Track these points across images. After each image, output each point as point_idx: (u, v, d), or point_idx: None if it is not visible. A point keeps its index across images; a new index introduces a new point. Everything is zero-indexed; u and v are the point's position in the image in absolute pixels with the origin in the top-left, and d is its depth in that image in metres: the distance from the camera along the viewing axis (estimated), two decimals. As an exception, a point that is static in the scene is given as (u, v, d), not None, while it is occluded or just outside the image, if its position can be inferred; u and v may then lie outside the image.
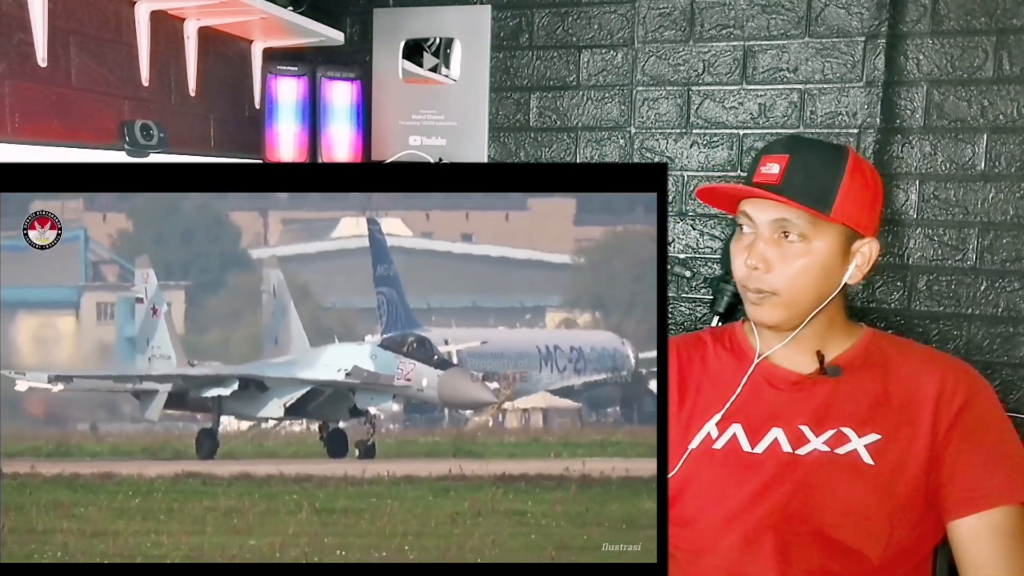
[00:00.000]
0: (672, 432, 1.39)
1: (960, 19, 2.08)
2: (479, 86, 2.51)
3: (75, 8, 1.82)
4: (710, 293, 2.32)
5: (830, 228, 1.28)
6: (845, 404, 1.32)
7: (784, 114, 2.26)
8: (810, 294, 1.30)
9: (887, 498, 1.26)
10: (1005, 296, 2.10)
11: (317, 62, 2.45)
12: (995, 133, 2.08)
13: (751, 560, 1.29)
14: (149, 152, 1.92)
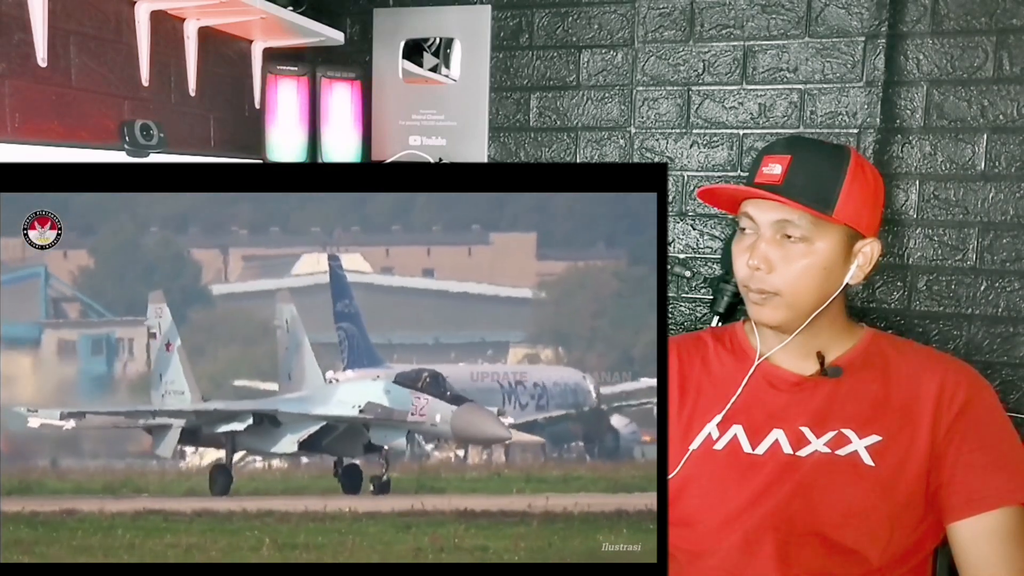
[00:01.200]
0: (673, 432, 1.39)
1: (960, 19, 2.08)
2: (479, 86, 2.51)
3: (75, 8, 1.82)
4: (710, 293, 2.32)
5: (832, 228, 1.28)
6: (846, 405, 1.32)
7: (784, 114, 2.26)
8: (812, 295, 1.30)
9: (887, 499, 1.26)
10: (1005, 296, 2.10)
11: (317, 62, 2.45)
12: (995, 133, 2.08)
13: (751, 561, 1.29)
14: (149, 152, 1.92)
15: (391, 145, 2.58)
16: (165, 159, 1.96)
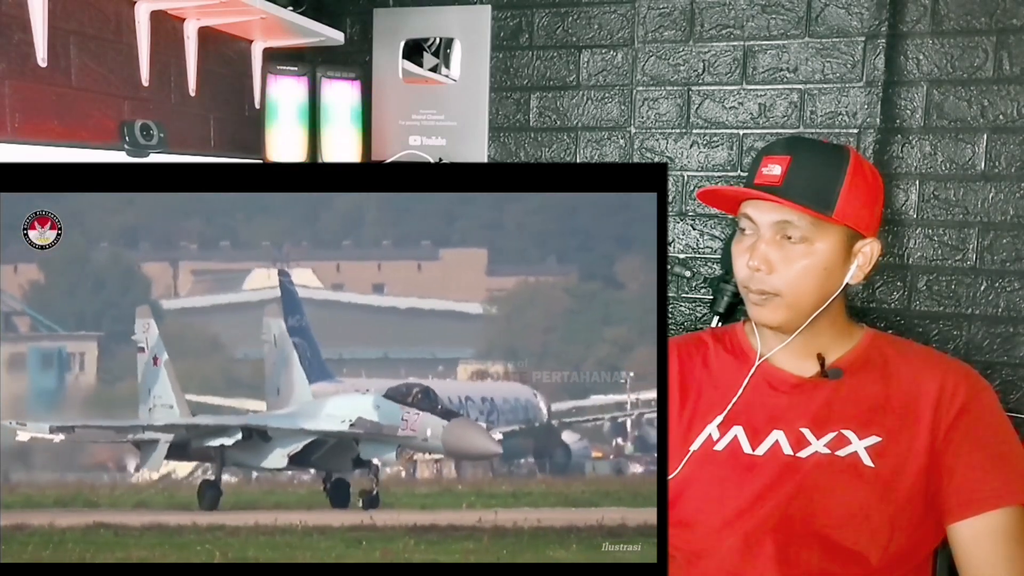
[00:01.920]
0: (673, 433, 1.39)
1: (960, 19, 2.08)
2: (479, 86, 2.51)
3: (75, 8, 1.81)
4: (710, 293, 2.32)
5: (832, 229, 1.28)
6: (846, 406, 1.32)
7: (784, 114, 2.26)
8: (812, 295, 1.30)
9: (887, 500, 1.26)
10: (1005, 296, 2.10)
11: (317, 62, 2.45)
12: (995, 133, 2.08)
13: (751, 562, 1.29)
14: (149, 152, 1.92)
15: (391, 145, 2.58)
16: (165, 159, 1.96)
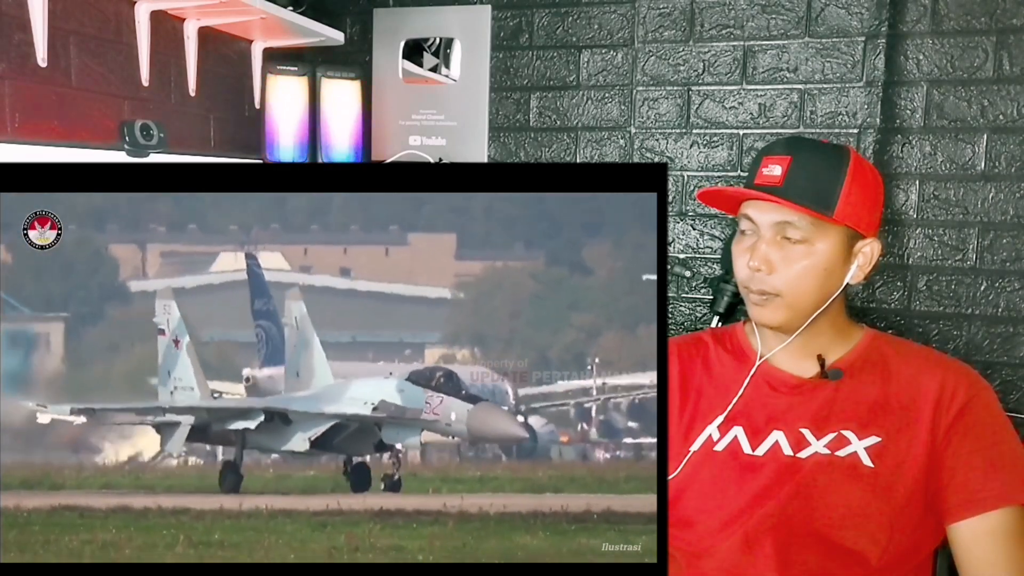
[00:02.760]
0: (673, 434, 1.40)
1: (960, 19, 2.08)
2: (479, 86, 2.51)
3: (75, 8, 1.82)
4: (710, 293, 2.32)
5: (832, 229, 1.28)
6: (845, 407, 1.32)
7: (784, 114, 2.26)
8: (813, 295, 1.30)
9: (887, 500, 1.26)
10: (1005, 296, 2.10)
11: (317, 62, 2.45)
12: (995, 133, 2.08)
13: (751, 562, 1.29)
14: (149, 152, 1.92)
15: (391, 145, 2.58)
16: (165, 159, 1.96)
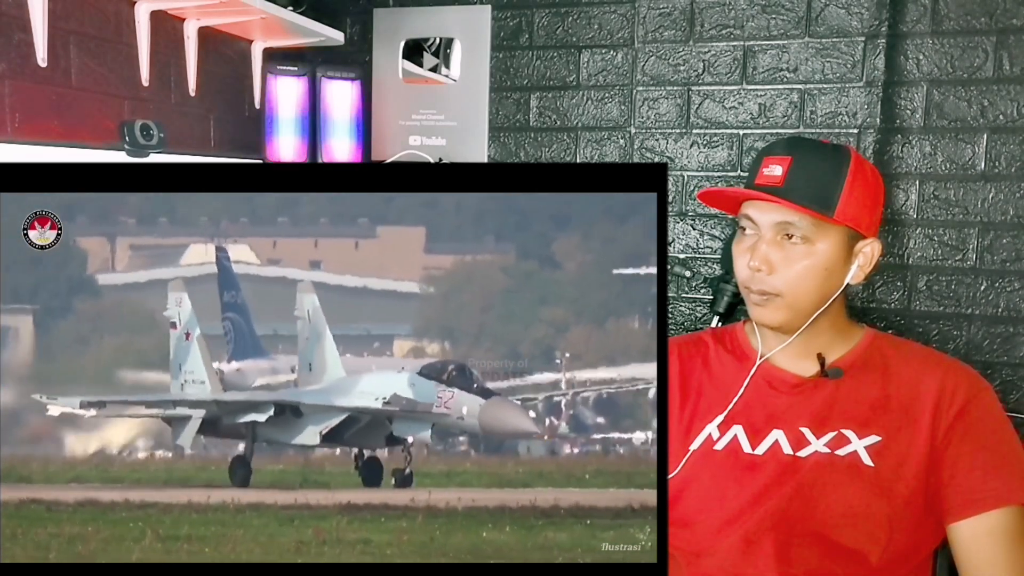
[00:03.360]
0: (673, 433, 1.40)
1: (960, 19, 2.08)
2: (479, 86, 2.51)
3: (75, 8, 1.82)
4: (710, 293, 2.32)
5: (833, 229, 1.28)
6: (846, 406, 1.32)
7: (784, 114, 2.26)
8: (813, 295, 1.30)
9: (887, 500, 1.26)
10: (1005, 296, 2.10)
11: (317, 62, 2.45)
12: (995, 133, 2.08)
13: (751, 561, 1.29)
14: (149, 152, 1.92)
15: (391, 145, 2.58)
16: (165, 159, 1.96)
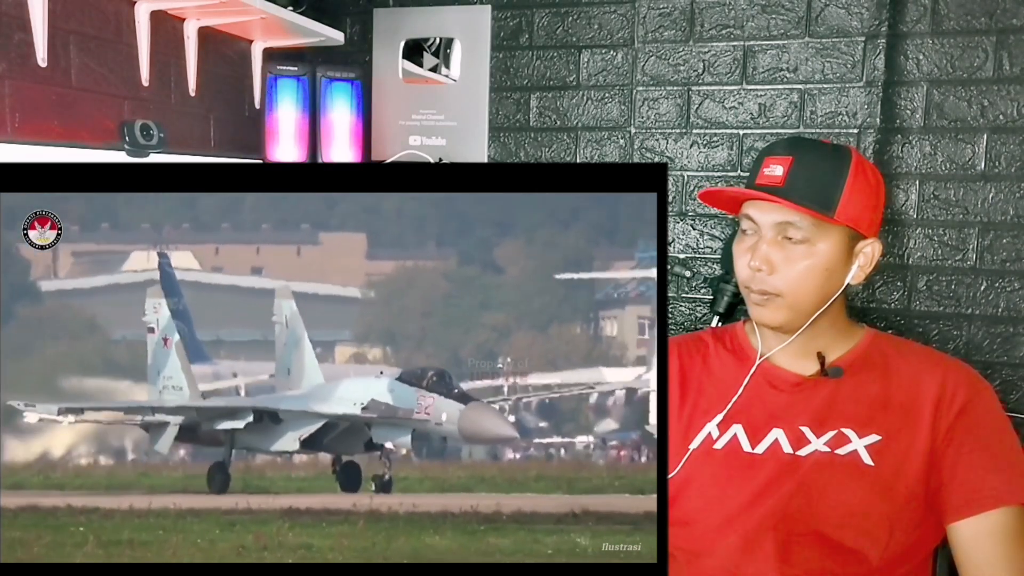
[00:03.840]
0: (673, 432, 1.39)
1: (960, 19, 2.08)
2: (479, 86, 2.51)
3: (75, 8, 1.82)
4: (710, 293, 2.32)
5: (833, 230, 1.28)
6: (846, 405, 1.32)
7: (784, 114, 2.26)
8: (813, 296, 1.30)
9: (887, 499, 1.26)
10: (1005, 296, 2.10)
11: (317, 62, 2.45)
12: (995, 133, 2.08)
13: (751, 560, 1.29)
14: (149, 152, 1.92)
15: (391, 145, 2.58)
16: (165, 159, 1.96)
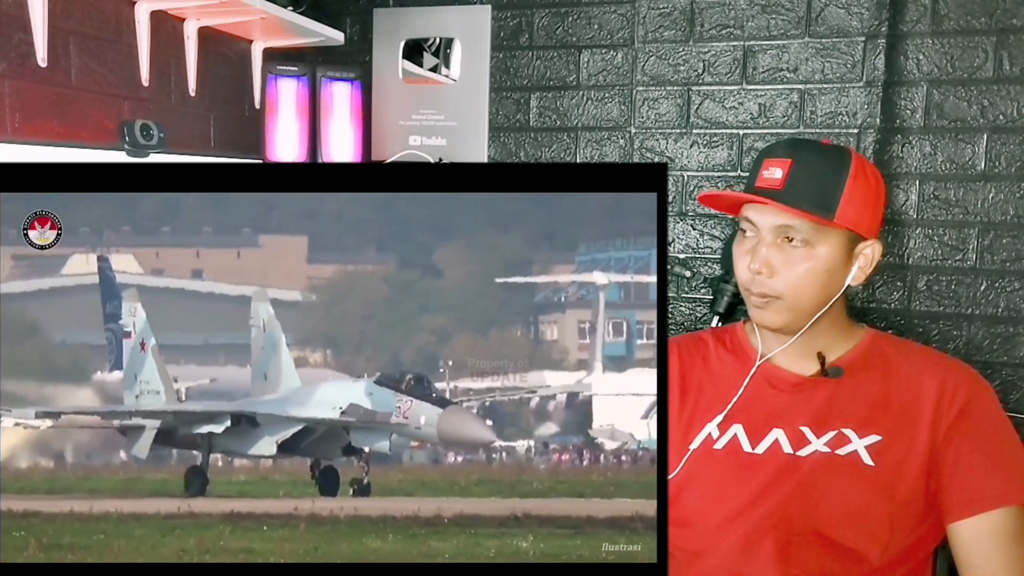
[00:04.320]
0: (673, 432, 1.39)
1: (960, 19, 2.08)
2: (479, 86, 2.51)
3: (75, 8, 1.81)
4: (710, 293, 2.32)
5: (833, 232, 1.28)
6: (846, 405, 1.32)
7: (784, 114, 2.26)
8: (814, 298, 1.30)
9: (887, 499, 1.26)
10: (1005, 296, 2.10)
11: (317, 62, 2.45)
12: (995, 133, 2.08)
13: (751, 560, 1.29)
14: (149, 152, 1.92)
15: (391, 145, 2.58)
16: (165, 159, 1.96)
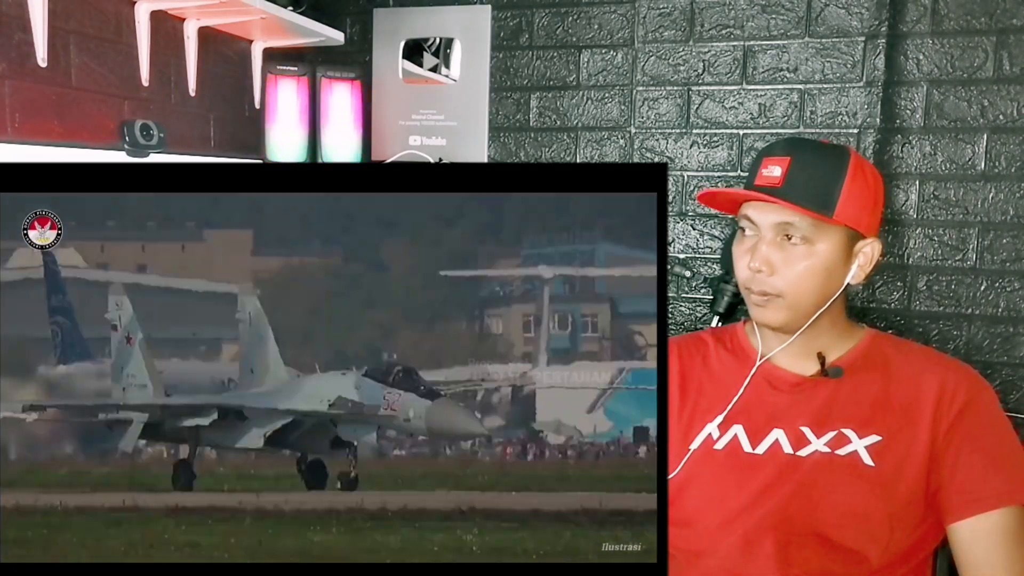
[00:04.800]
0: (673, 432, 1.39)
1: (960, 19, 2.08)
2: (479, 86, 2.51)
3: (75, 8, 1.81)
4: (710, 293, 2.32)
5: (832, 230, 1.28)
6: (846, 405, 1.32)
7: (784, 114, 2.26)
8: (813, 296, 1.30)
9: (887, 499, 1.26)
10: (1005, 296, 2.10)
11: (317, 62, 2.44)
12: (995, 133, 2.08)
13: (751, 561, 1.29)
14: (149, 152, 1.92)
15: (391, 145, 2.58)
16: (165, 159, 1.96)
